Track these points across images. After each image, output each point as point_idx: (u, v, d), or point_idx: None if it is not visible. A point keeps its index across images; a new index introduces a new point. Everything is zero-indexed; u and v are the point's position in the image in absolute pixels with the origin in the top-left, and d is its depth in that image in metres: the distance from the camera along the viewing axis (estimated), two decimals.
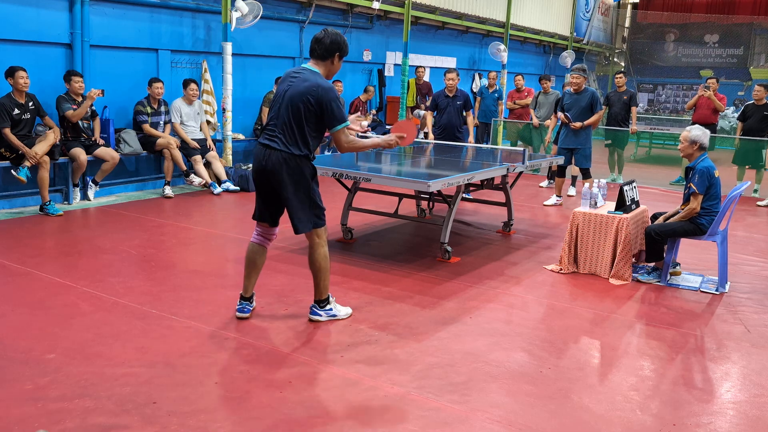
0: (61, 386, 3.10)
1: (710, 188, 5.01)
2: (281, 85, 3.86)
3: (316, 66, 3.85)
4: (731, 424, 3.07)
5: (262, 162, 3.79)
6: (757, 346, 4.01)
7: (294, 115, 3.72)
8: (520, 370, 3.51)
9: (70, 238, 5.80)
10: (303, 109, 3.71)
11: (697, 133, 5.10)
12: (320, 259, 3.92)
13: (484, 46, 15.11)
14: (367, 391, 3.19)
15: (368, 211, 6.36)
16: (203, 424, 2.84)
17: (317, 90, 3.71)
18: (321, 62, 3.86)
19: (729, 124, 15.25)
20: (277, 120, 3.77)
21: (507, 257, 5.77)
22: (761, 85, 9.47)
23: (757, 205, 8.87)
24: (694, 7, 20.76)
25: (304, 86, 3.72)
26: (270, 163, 3.74)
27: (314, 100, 3.70)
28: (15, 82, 6.41)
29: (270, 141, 3.77)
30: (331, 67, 3.90)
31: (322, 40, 3.82)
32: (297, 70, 3.85)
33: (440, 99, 8.03)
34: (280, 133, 3.74)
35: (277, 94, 3.85)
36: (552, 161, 7.68)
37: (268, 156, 3.75)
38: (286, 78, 3.86)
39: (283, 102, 3.76)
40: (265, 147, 3.78)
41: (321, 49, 3.82)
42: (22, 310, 4.04)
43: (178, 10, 8.40)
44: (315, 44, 3.83)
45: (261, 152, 3.80)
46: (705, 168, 5.01)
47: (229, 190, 8.15)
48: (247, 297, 4.10)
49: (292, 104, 3.72)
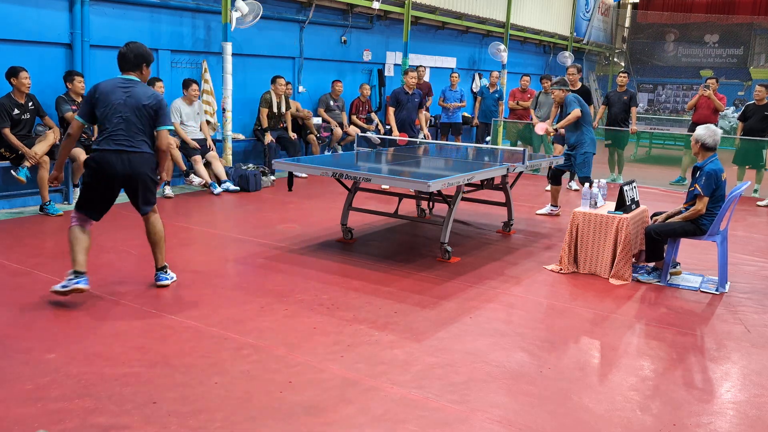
0: (61, 386, 3.10)
1: (716, 191, 4.97)
2: (113, 95, 4.25)
3: (135, 76, 4.37)
4: (731, 424, 3.07)
5: (118, 166, 4.20)
6: (757, 346, 4.01)
7: (142, 120, 4.27)
8: (520, 370, 3.51)
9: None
10: (146, 114, 4.28)
11: (701, 132, 5.04)
12: (161, 229, 4.53)
13: (484, 46, 15.11)
14: (367, 391, 3.19)
15: (368, 211, 6.36)
16: (203, 424, 2.84)
17: (155, 96, 4.34)
18: (134, 73, 4.38)
19: (729, 124, 15.25)
20: (128, 126, 4.23)
21: (507, 257, 5.77)
22: (762, 86, 9.47)
23: (757, 205, 8.87)
24: (694, 7, 20.75)
25: (144, 95, 4.29)
26: (133, 166, 4.24)
27: (155, 105, 4.30)
28: (19, 82, 6.41)
29: (122, 146, 4.21)
30: (142, 75, 4.42)
31: (126, 55, 4.34)
32: (124, 82, 4.32)
33: (401, 96, 8.65)
34: (134, 138, 4.24)
35: (112, 103, 4.23)
36: (552, 161, 7.68)
37: (128, 160, 4.22)
38: (114, 89, 4.27)
39: (125, 110, 4.22)
40: (120, 152, 4.21)
41: (129, 64, 4.35)
42: (21, 310, 4.04)
43: (178, 10, 8.40)
44: (121, 61, 4.35)
45: (117, 158, 4.21)
46: (713, 170, 4.93)
47: (229, 190, 8.15)
48: (81, 271, 4.21)
49: (138, 111, 4.25)
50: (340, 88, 10.60)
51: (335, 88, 10.57)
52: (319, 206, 7.59)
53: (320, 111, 10.54)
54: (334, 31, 11.08)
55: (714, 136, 5.02)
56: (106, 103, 4.23)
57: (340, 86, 10.61)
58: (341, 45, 11.24)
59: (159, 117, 4.32)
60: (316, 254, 5.56)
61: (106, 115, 4.23)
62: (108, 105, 4.22)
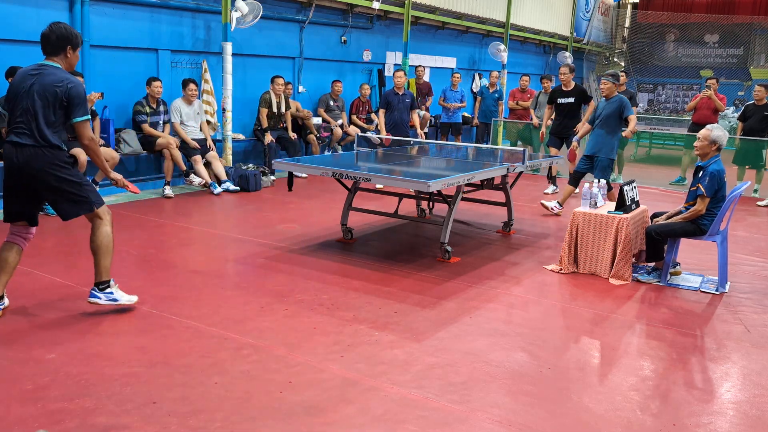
0: (61, 386, 3.10)
1: (718, 191, 4.97)
2: (22, 84, 3.78)
3: (54, 62, 3.84)
4: (731, 424, 3.07)
5: (13, 160, 3.74)
6: (757, 346, 4.01)
7: (48, 109, 3.72)
8: (520, 370, 3.51)
9: (70, 238, 5.80)
10: (55, 103, 3.72)
11: (719, 133, 4.98)
12: (103, 239, 3.92)
13: (484, 46, 15.11)
14: (367, 391, 3.19)
15: (368, 211, 6.36)
16: (203, 424, 2.84)
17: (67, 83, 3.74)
18: (56, 57, 3.85)
19: (729, 124, 15.24)
20: (28, 116, 3.73)
21: (507, 257, 5.77)
22: (762, 86, 9.47)
23: (757, 205, 8.87)
24: (694, 7, 20.76)
25: (54, 81, 3.73)
26: (27, 161, 3.72)
27: (65, 93, 3.72)
28: None
29: (19, 139, 3.74)
30: (66, 60, 3.88)
31: (49, 36, 3.81)
32: (37, 68, 3.81)
33: (391, 97, 8.70)
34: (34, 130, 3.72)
35: (18, 92, 3.78)
36: (552, 161, 7.68)
37: (21, 154, 3.72)
38: (24, 76, 3.80)
39: (28, 99, 3.73)
40: (15, 145, 3.74)
41: (50, 46, 3.83)
42: (22, 310, 4.04)
43: (178, 10, 8.40)
44: (43, 43, 3.82)
45: (12, 151, 3.74)
46: (717, 171, 4.94)
47: (229, 190, 8.15)
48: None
49: (44, 100, 3.71)
50: (339, 88, 10.60)
51: (335, 88, 10.57)
52: (319, 206, 7.59)
53: (320, 111, 10.54)
54: (334, 31, 11.08)
55: (727, 137, 5.04)
56: (14, 92, 3.81)
57: (340, 86, 10.62)
58: (341, 45, 11.24)
59: (71, 107, 3.76)
60: (316, 254, 5.56)
61: (13, 106, 3.80)
62: (15, 94, 3.79)
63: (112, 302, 4.03)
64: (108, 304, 4.02)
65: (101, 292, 4.00)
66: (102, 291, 4.00)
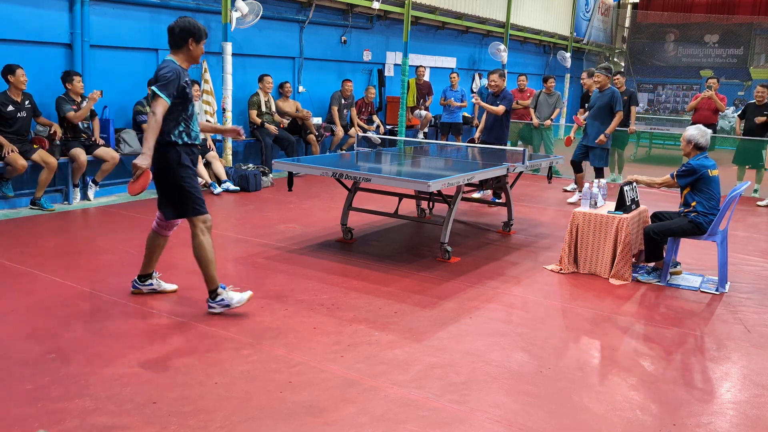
0: (61, 386, 3.10)
1: (699, 183, 5.03)
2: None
3: (174, 57, 3.91)
4: (731, 424, 3.07)
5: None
6: (757, 346, 4.01)
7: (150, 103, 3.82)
8: (520, 370, 3.51)
9: (70, 238, 5.80)
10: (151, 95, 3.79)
11: (692, 132, 5.14)
12: (195, 249, 3.99)
13: (484, 46, 15.11)
14: (367, 391, 3.19)
15: (368, 211, 6.36)
16: (203, 424, 2.84)
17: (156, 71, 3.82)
18: (177, 51, 3.91)
19: (729, 124, 15.24)
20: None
21: (507, 257, 5.77)
22: (762, 86, 9.46)
23: (757, 205, 8.87)
24: (694, 7, 20.74)
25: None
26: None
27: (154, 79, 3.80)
28: (16, 80, 6.42)
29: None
30: (189, 53, 3.92)
31: (173, 29, 3.87)
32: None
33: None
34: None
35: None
36: (552, 161, 7.67)
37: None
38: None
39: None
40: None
41: (173, 39, 3.89)
42: (22, 310, 4.04)
43: (178, 10, 8.39)
44: (168, 36, 3.90)
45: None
46: (696, 164, 5.04)
47: (229, 190, 8.15)
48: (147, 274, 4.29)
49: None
50: (350, 87, 10.57)
51: (345, 87, 10.54)
52: (319, 206, 7.59)
53: (333, 109, 10.47)
54: (334, 31, 11.08)
55: (705, 135, 5.14)
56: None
57: (350, 85, 10.58)
58: (341, 45, 11.24)
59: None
60: (316, 254, 5.56)
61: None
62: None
63: (225, 308, 4.06)
64: (224, 310, 4.06)
65: (213, 302, 4.06)
66: (214, 300, 4.05)
